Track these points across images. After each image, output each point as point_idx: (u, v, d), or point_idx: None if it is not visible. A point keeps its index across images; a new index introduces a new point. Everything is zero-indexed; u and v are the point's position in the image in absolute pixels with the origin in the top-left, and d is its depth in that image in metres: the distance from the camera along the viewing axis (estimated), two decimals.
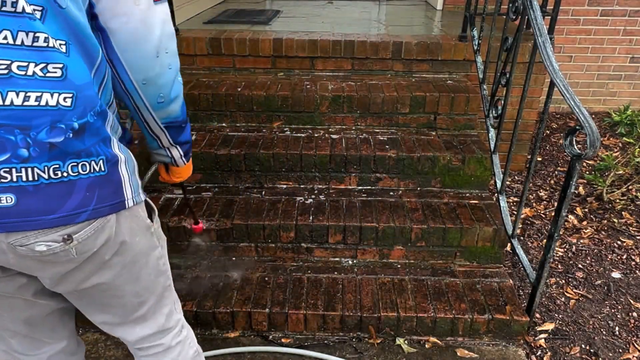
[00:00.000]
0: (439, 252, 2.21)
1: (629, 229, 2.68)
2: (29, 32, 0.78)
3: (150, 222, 1.07)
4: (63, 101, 0.82)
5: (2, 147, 0.79)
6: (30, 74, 0.79)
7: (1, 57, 0.77)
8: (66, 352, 1.22)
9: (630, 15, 3.79)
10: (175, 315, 1.23)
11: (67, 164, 0.84)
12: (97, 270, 0.98)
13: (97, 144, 0.89)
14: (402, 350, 1.94)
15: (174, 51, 1.00)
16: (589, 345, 1.99)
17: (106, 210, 0.91)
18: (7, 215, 0.82)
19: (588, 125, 1.52)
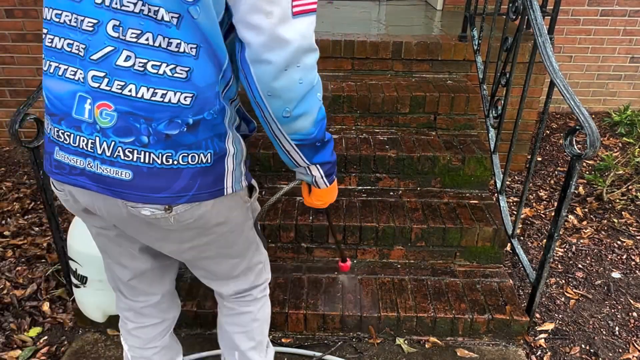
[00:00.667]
0: (439, 252, 2.21)
1: (629, 229, 2.68)
2: (166, 37, 0.90)
3: (249, 198, 1.19)
4: (183, 100, 0.94)
5: (129, 132, 0.94)
6: (161, 73, 0.91)
7: (140, 55, 0.90)
8: (157, 307, 1.38)
9: (630, 15, 3.79)
10: (265, 274, 1.39)
11: (179, 154, 0.97)
12: (194, 236, 1.11)
13: (208, 138, 1.00)
14: (402, 350, 1.94)
15: (309, 66, 0.97)
16: (589, 345, 1.99)
17: (204, 197, 1.03)
18: (123, 187, 0.98)
19: (588, 125, 1.52)
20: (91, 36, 0.91)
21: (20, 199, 2.89)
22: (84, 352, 1.92)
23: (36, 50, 3.24)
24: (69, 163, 1.01)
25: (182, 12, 0.89)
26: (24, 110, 1.65)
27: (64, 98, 0.97)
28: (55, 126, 1.00)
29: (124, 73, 0.91)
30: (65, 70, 0.96)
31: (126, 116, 0.93)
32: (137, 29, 0.90)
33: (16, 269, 2.33)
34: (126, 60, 0.91)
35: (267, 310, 1.45)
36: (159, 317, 1.40)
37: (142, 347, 1.41)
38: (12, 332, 2.02)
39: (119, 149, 0.95)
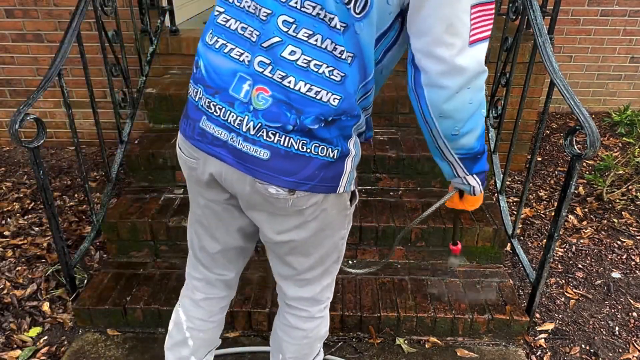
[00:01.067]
0: (439, 252, 2.21)
1: (629, 229, 2.68)
2: (333, 42, 0.98)
3: (349, 205, 1.21)
4: (332, 100, 1.01)
5: (278, 118, 1.01)
6: (321, 73, 0.99)
7: (307, 53, 0.98)
8: (228, 283, 1.45)
9: (630, 15, 3.79)
10: (328, 292, 1.39)
11: (312, 143, 1.04)
12: (297, 226, 1.16)
13: (338, 136, 1.07)
14: (402, 350, 1.94)
15: (479, 87, 1.02)
16: (589, 345, 1.99)
17: (321, 189, 1.09)
18: (259, 165, 1.05)
19: (588, 125, 1.52)
20: (265, 25, 1.00)
21: (20, 199, 2.89)
22: (84, 352, 1.92)
23: (36, 50, 3.24)
24: (213, 133, 1.08)
25: (349, 23, 0.97)
26: (24, 110, 1.65)
27: (224, 74, 1.05)
28: (209, 97, 1.07)
29: (287, 65, 0.99)
30: (232, 49, 1.04)
31: (280, 103, 1.01)
32: (310, 29, 0.98)
33: (16, 269, 2.33)
34: (291, 54, 0.99)
35: (323, 330, 1.44)
36: (226, 292, 1.47)
37: (206, 319, 1.46)
38: (12, 332, 2.02)
39: (264, 130, 1.02)
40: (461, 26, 0.94)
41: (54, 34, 3.19)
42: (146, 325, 1.99)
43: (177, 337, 1.46)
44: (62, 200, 2.88)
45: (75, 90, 3.33)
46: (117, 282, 2.09)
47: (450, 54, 0.95)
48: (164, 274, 2.14)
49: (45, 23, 3.16)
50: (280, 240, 1.21)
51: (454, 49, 0.94)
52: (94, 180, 3.10)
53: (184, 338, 1.45)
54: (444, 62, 0.96)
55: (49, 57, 3.25)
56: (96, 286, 2.08)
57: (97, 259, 2.40)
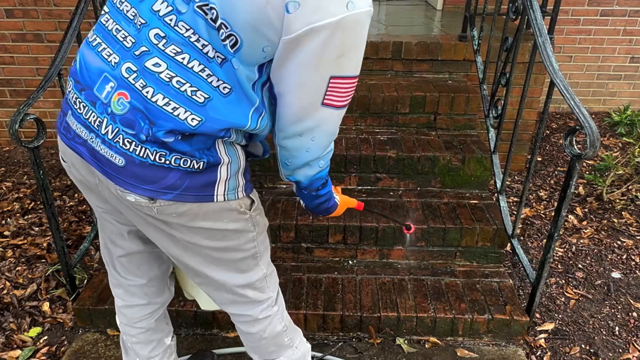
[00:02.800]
0: (439, 252, 2.21)
1: (629, 229, 2.68)
2: (202, 64, 0.98)
3: (247, 210, 1.19)
4: (190, 120, 0.99)
5: (132, 125, 1.00)
6: (182, 90, 0.98)
7: (171, 69, 0.98)
8: (144, 290, 1.41)
9: (630, 15, 3.79)
10: (267, 292, 1.35)
11: (172, 156, 1.02)
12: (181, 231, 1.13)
13: (201, 149, 1.04)
14: (402, 350, 1.94)
15: (323, 145, 1.10)
16: (589, 345, 1.99)
17: (189, 199, 1.06)
18: (115, 171, 1.04)
19: (588, 125, 1.52)
20: (139, 33, 1.00)
21: (20, 199, 2.89)
22: (84, 352, 1.92)
23: (36, 50, 3.24)
24: (75, 130, 1.07)
25: (227, 57, 0.97)
26: (24, 110, 1.65)
27: (93, 72, 1.04)
28: (76, 93, 1.07)
29: (150, 76, 0.98)
30: (104, 49, 1.04)
31: (136, 111, 0.99)
32: (179, 47, 0.97)
33: (16, 269, 2.33)
34: (155, 66, 0.98)
35: (277, 327, 1.40)
36: (145, 299, 1.43)
37: (128, 324, 1.46)
38: (12, 332, 2.02)
39: (120, 136, 1.01)
40: (314, 89, 1.00)
41: (54, 34, 3.19)
42: None
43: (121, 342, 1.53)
44: (62, 200, 2.88)
45: None
46: None
47: (299, 104, 1.02)
48: None
49: (45, 23, 3.16)
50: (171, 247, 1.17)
51: (302, 101, 1.02)
52: None
53: (123, 343, 1.51)
54: (292, 107, 1.03)
55: (49, 57, 3.25)
56: (96, 286, 2.07)
57: (97, 258, 2.40)
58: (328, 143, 1.11)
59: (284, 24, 0.92)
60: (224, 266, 1.23)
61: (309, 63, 0.96)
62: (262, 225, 1.29)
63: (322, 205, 1.30)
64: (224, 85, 1.00)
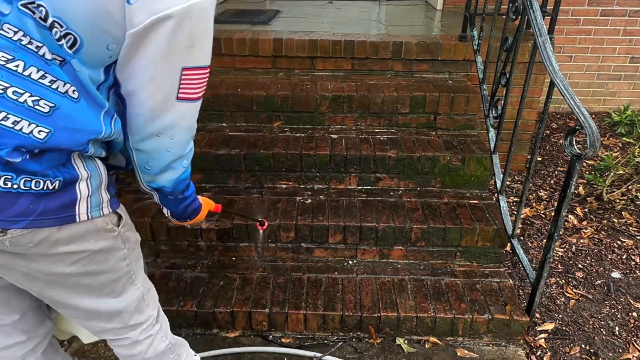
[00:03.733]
0: (439, 252, 2.21)
1: (629, 229, 2.68)
2: (41, 70, 0.87)
3: (115, 227, 1.11)
4: (37, 133, 0.88)
5: None
6: (21, 101, 0.86)
7: (4, 79, 0.85)
8: (18, 326, 1.25)
9: (630, 15, 3.79)
10: (147, 311, 1.27)
11: (20, 179, 0.90)
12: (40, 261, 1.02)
13: (55, 167, 0.93)
14: (402, 350, 1.94)
15: (183, 142, 1.05)
16: (589, 345, 1.99)
17: (47, 223, 0.96)
18: None
19: (588, 125, 1.52)
20: None
21: None
22: (83, 352, 1.92)
23: None
24: None
25: (66, 58, 0.89)
26: None
27: None
28: None
29: None
30: None
31: None
32: (9, 54, 0.85)
33: None
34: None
35: (159, 347, 1.32)
36: (23, 335, 1.27)
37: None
38: None
39: None
40: (166, 83, 0.96)
41: None
42: None
43: None
44: None
45: None
46: None
47: (152, 101, 0.97)
48: (164, 274, 2.14)
49: None
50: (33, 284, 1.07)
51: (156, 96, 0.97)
52: None
53: None
54: (145, 105, 0.98)
55: None
56: None
57: None
58: (189, 139, 1.08)
59: (127, 16, 0.87)
60: (96, 292, 1.13)
61: (158, 55, 0.92)
62: (134, 241, 1.20)
63: (189, 207, 1.26)
64: (72, 89, 0.91)
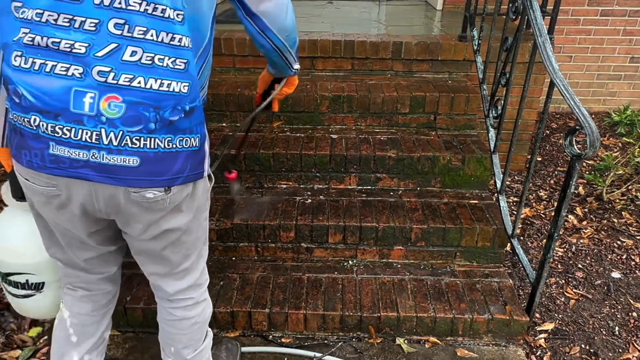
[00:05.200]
0: (439, 252, 2.21)
1: (629, 229, 2.68)
2: (169, 33, 1.02)
3: (209, 187, 1.30)
4: (183, 88, 1.06)
5: (138, 120, 1.02)
6: (165, 66, 1.02)
7: (148, 50, 1.00)
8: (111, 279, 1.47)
9: (630, 15, 3.79)
10: (205, 275, 1.45)
11: (177, 138, 1.08)
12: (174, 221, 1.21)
13: (198, 124, 1.12)
14: (402, 350, 1.94)
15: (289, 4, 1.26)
16: (589, 345, 1.99)
17: (193, 178, 1.16)
18: (130, 174, 1.06)
19: (588, 125, 1.52)
20: (94, 35, 0.98)
21: None
22: None
23: None
24: (70, 157, 1.04)
25: (182, 7, 1.02)
26: None
27: (56, 94, 0.99)
28: (51, 122, 1.01)
29: (132, 66, 1.00)
30: (54, 66, 0.99)
31: (135, 106, 1.01)
32: (144, 26, 0.99)
33: None
34: (132, 55, 1.00)
35: (208, 312, 1.49)
36: (111, 286, 1.49)
37: (90, 313, 1.46)
38: (12, 332, 2.02)
39: (126, 137, 1.03)
40: None
41: None
42: (146, 325, 1.99)
43: (60, 333, 1.46)
44: None
45: None
46: None
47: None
48: None
49: None
50: (158, 240, 1.23)
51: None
52: None
53: (66, 335, 1.46)
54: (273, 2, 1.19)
55: None
56: None
57: None
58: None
59: None
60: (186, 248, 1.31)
61: None
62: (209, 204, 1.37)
63: None
64: (188, 40, 1.05)
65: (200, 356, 1.50)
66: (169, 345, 1.49)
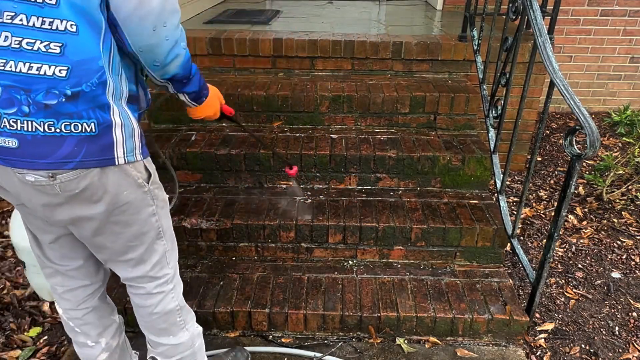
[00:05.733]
0: (439, 252, 2.21)
1: (629, 229, 2.68)
2: (40, 17, 1.00)
3: (145, 183, 1.26)
4: (58, 72, 1.03)
5: (11, 103, 1.03)
6: (36, 49, 1.01)
7: (16, 34, 1.00)
8: (82, 271, 1.46)
9: (630, 15, 3.79)
10: (166, 269, 1.42)
11: (61, 122, 1.05)
12: (83, 206, 1.18)
13: (90, 109, 1.08)
14: (402, 350, 1.94)
15: (174, 25, 1.15)
16: (589, 345, 1.99)
17: (91, 164, 1.11)
18: (12, 155, 1.07)
19: (588, 125, 1.52)
20: None
21: None
22: None
23: None
24: None
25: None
26: None
27: None
28: None
29: (4, 52, 1.01)
30: None
31: (8, 89, 1.02)
32: (11, 11, 1.00)
33: (16, 269, 2.33)
34: (5, 40, 1.01)
35: (169, 305, 1.46)
36: (86, 279, 1.48)
37: (74, 308, 1.49)
38: (12, 332, 2.02)
39: (4, 120, 1.04)
40: None
41: None
42: None
43: (67, 328, 1.54)
44: None
45: None
46: (117, 282, 2.09)
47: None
48: None
49: None
50: (78, 227, 1.24)
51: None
52: None
53: (70, 328, 1.53)
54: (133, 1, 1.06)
55: None
56: None
57: None
58: (178, 21, 1.16)
59: None
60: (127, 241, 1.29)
61: None
62: (162, 200, 1.36)
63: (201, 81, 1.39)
64: (70, 24, 1.02)
65: (173, 350, 1.50)
66: (144, 329, 1.52)
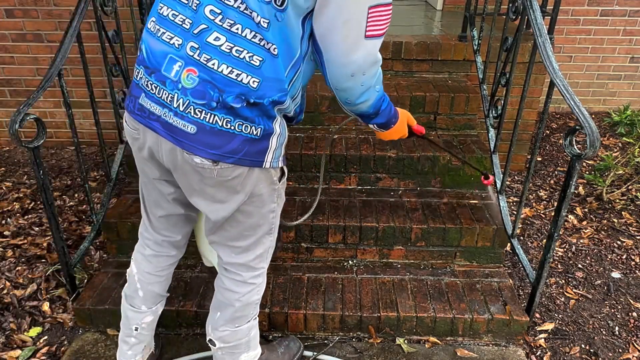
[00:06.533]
0: (439, 252, 2.21)
1: (629, 229, 2.68)
2: (253, 31, 1.13)
3: (277, 182, 1.37)
4: (252, 83, 1.16)
5: (203, 95, 1.16)
6: (241, 58, 1.14)
7: (230, 40, 1.14)
8: (175, 245, 1.62)
9: (630, 15, 3.79)
10: (263, 262, 1.53)
11: (236, 122, 1.18)
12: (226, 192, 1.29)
13: (260, 116, 1.21)
14: (402, 350, 1.94)
15: (373, 74, 1.23)
16: (589, 345, 1.99)
17: (246, 163, 1.24)
18: (187, 138, 1.19)
19: (588, 125, 1.52)
20: (195, 14, 1.15)
21: (20, 199, 2.89)
22: (84, 352, 1.92)
23: (36, 50, 3.24)
24: (149, 109, 1.23)
25: (270, 18, 1.12)
26: (24, 110, 1.65)
27: (158, 56, 1.20)
28: (147, 77, 1.22)
29: (212, 49, 1.14)
30: (163, 33, 1.20)
31: (205, 83, 1.15)
32: (232, 19, 1.13)
33: (16, 269, 2.33)
34: (216, 40, 1.14)
35: (254, 297, 1.56)
36: (174, 251, 1.64)
37: (153, 272, 1.63)
38: (12, 332, 2.02)
39: (191, 107, 1.17)
40: (357, 24, 1.12)
41: (54, 34, 3.19)
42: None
43: (130, 287, 1.65)
44: (62, 200, 2.88)
45: (75, 90, 3.33)
46: (117, 282, 2.09)
47: (345, 43, 1.14)
48: None
49: (45, 23, 3.16)
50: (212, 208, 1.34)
51: (349, 38, 1.14)
52: (94, 180, 3.10)
53: (135, 288, 1.63)
54: (338, 49, 1.15)
55: (49, 57, 3.25)
56: (96, 286, 2.08)
57: (97, 258, 2.40)
58: (377, 70, 1.23)
59: None
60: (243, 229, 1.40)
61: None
62: (282, 200, 1.45)
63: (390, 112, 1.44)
64: (274, 47, 1.14)
65: (233, 336, 1.58)
66: (215, 311, 1.58)
